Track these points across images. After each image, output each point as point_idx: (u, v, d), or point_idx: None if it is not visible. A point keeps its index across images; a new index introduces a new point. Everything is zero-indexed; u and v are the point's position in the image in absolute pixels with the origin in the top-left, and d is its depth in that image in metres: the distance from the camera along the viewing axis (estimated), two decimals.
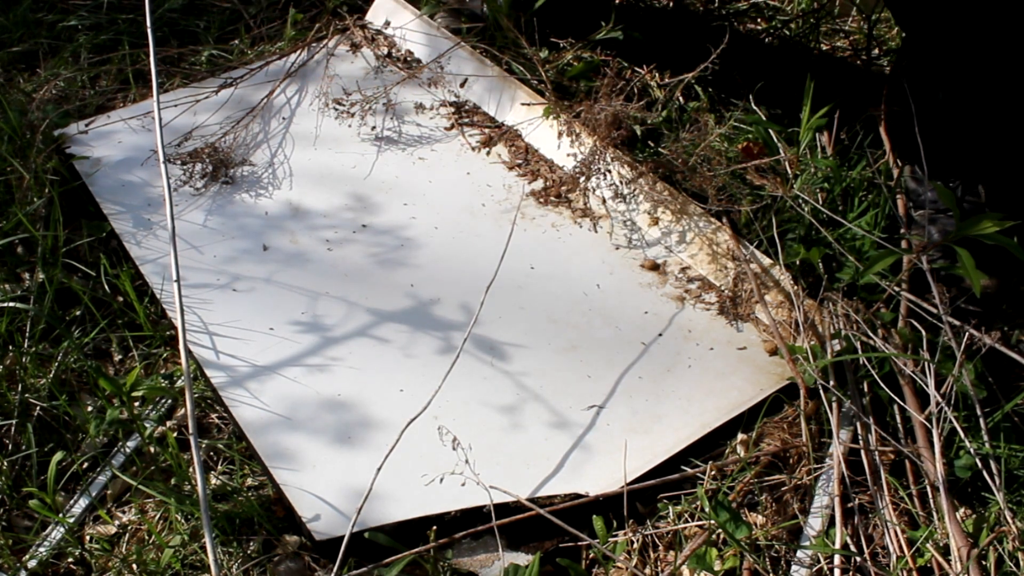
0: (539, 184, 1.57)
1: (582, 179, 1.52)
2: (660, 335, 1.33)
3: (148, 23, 1.31)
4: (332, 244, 1.44)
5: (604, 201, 1.52)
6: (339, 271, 1.40)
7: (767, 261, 1.37)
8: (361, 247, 1.44)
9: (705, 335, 1.33)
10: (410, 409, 1.13)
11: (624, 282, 1.41)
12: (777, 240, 1.34)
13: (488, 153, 1.63)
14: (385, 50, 1.84)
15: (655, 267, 1.43)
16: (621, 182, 1.49)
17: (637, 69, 1.78)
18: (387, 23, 1.87)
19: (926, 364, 1.16)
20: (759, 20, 2.01)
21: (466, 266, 1.41)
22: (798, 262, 1.34)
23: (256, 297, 1.34)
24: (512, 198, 1.54)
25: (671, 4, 2.03)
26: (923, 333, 1.22)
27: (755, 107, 1.70)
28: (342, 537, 1.03)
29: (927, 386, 1.14)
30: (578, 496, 1.10)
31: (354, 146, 1.63)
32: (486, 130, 1.68)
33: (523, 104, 1.66)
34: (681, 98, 1.74)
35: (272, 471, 1.13)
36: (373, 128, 1.67)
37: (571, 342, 1.31)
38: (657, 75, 1.78)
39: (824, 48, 1.91)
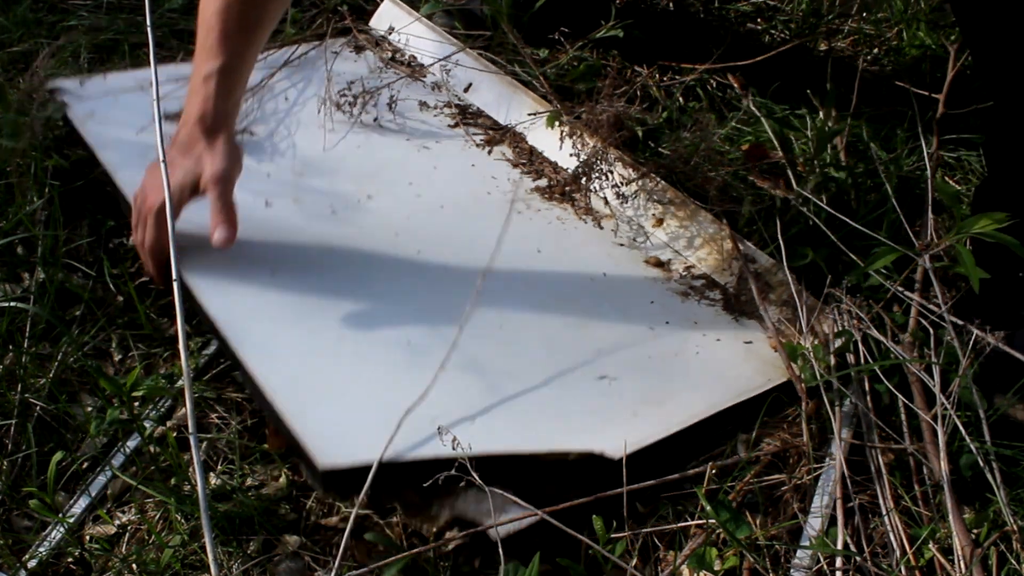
0: (543, 182, 1.57)
1: (583, 179, 1.51)
2: (667, 322, 1.33)
3: (148, 23, 1.30)
4: (336, 220, 1.44)
5: (607, 202, 1.52)
6: (343, 246, 1.39)
7: (770, 261, 1.37)
8: (365, 223, 1.44)
9: (711, 327, 1.33)
10: (417, 379, 1.12)
11: (630, 274, 1.41)
12: (781, 240, 1.33)
13: (491, 152, 1.62)
14: (388, 54, 1.84)
15: (659, 264, 1.43)
16: (623, 183, 1.49)
17: (638, 68, 1.78)
18: (391, 29, 1.87)
19: (932, 364, 1.16)
20: (759, 20, 2.01)
21: (472, 243, 1.39)
22: (801, 263, 1.34)
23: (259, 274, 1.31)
24: (517, 190, 1.54)
25: (671, 5, 2.03)
26: (931, 332, 1.22)
27: (755, 109, 1.70)
28: (347, 468, 1.02)
29: (933, 386, 1.13)
30: (593, 455, 1.09)
31: (357, 134, 1.63)
32: (490, 131, 1.67)
33: (529, 114, 1.66)
34: (682, 99, 1.74)
35: (275, 404, 1.10)
36: (375, 119, 1.66)
37: (579, 320, 1.31)
38: (658, 75, 1.78)
39: (823, 48, 1.92)
